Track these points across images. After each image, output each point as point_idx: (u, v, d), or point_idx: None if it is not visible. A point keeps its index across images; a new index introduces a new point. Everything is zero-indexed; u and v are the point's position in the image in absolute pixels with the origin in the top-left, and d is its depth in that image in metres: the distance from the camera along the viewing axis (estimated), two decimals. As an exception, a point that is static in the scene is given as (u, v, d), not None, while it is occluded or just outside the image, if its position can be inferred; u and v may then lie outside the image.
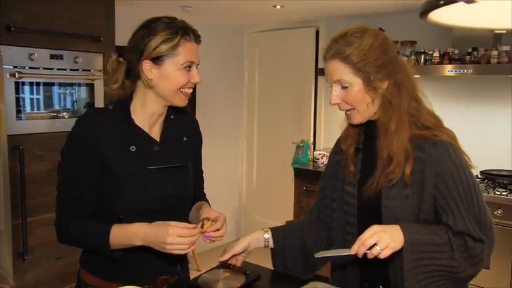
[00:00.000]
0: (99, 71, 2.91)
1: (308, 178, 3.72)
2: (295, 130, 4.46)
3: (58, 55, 2.70)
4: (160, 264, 1.40)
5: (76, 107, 2.90)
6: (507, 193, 2.86)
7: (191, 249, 1.26)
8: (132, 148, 1.35)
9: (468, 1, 1.40)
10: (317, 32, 4.28)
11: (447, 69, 3.12)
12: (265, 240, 1.54)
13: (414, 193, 1.30)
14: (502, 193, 2.85)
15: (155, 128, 1.43)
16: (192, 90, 1.40)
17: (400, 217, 1.30)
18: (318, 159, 3.88)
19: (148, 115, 1.40)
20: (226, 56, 4.60)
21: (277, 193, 4.59)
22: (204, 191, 1.65)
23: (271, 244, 1.54)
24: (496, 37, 3.05)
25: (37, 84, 2.69)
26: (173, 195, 1.42)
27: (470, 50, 3.09)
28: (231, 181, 4.90)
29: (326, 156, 3.77)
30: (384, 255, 1.22)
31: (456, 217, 1.27)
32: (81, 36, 2.79)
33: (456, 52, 3.15)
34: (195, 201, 1.55)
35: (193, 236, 1.26)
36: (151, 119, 1.41)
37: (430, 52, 3.26)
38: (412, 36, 3.48)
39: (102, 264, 1.39)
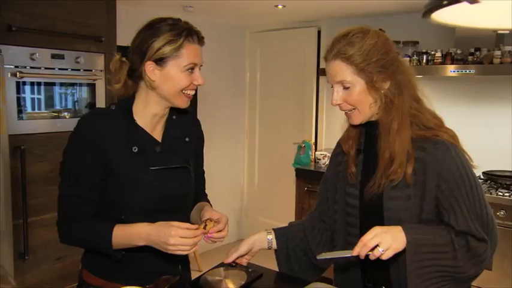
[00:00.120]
0: (100, 71, 2.91)
1: (310, 178, 3.70)
2: (296, 130, 4.45)
3: (59, 55, 2.70)
4: (161, 264, 1.40)
5: (77, 107, 2.90)
6: (510, 194, 2.85)
7: (193, 250, 1.26)
8: (135, 149, 1.35)
9: (471, 1, 1.40)
10: (319, 32, 4.27)
11: (449, 69, 3.10)
12: (268, 241, 1.53)
13: (416, 193, 1.30)
14: (505, 194, 2.84)
15: (157, 129, 1.43)
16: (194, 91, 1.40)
17: (402, 218, 1.30)
18: (320, 159, 3.87)
19: (150, 116, 1.40)
20: (227, 56, 4.60)
21: (278, 193, 4.58)
22: (206, 191, 1.65)
23: (274, 245, 1.54)
24: (499, 37, 3.04)
25: (38, 84, 2.69)
26: (175, 195, 1.42)
27: (472, 50, 3.07)
28: (232, 181, 4.89)
29: (328, 156, 3.76)
30: (386, 256, 1.22)
31: (458, 217, 1.27)
32: (82, 36, 2.79)
33: (458, 52, 3.13)
34: (196, 201, 1.55)
35: (195, 237, 1.26)
36: (153, 120, 1.41)
37: (433, 52, 3.24)
38: (414, 36, 3.47)
39: (103, 264, 1.39)
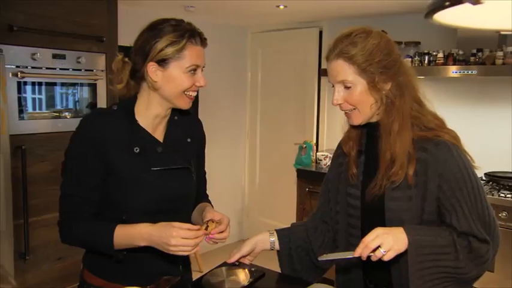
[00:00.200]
0: (101, 71, 2.90)
1: (311, 179, 3.69)
2: (298, 131, 4.44)
3: (60, 55, 2.70)
4: (162, 265, 1.40)
5: (78, 107, 2.90)
6: (512, 195, 2.85)
7: (194, 250, 1.26)
8: (136, 149, 1.35)
9: (474, 2, 1.39)
10: (320, 33, 4.27)
11: (451, 70, 3.09)
12: (270, 242, 1.53)
13: (417, 194, 1.29)
14: (507, 195, 2.83)
15: (159, 129, 1.43)
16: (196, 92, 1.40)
17: (404, 219, 1.30)
18: (321, 160, 3.86)
19: (152, 117, 1.40)
20: (229, 56, 4.60)
21: (279, 194, 4.58)
22: (207, 192, 1.65)
23: (277, 246, 1.54)
24: (501, 38, 3.03)
25: (39, 84, 2.69)
26: (176, 196, 1.42)
27: (474, 51, 3.06)
28: (234, 182, 4.89)
29: (329, 157, 3.75)
30: (388, 257, 1.22)
31: (460, 218, 1.26)
32: (83, 36, 2.78)
33: (461, 53, 3.12)
34: (198, 202, 1.55)
35: (197, 238, 1.25)
36: (155, 121, 1.41)
37: (434, 53, 3.24)
38: (416, 36, 3.46)
39: (104, 264, 1.39)
